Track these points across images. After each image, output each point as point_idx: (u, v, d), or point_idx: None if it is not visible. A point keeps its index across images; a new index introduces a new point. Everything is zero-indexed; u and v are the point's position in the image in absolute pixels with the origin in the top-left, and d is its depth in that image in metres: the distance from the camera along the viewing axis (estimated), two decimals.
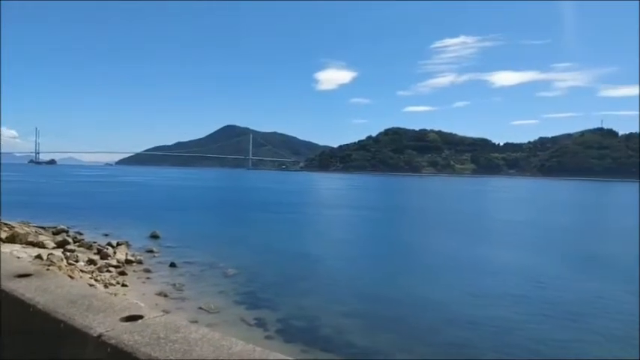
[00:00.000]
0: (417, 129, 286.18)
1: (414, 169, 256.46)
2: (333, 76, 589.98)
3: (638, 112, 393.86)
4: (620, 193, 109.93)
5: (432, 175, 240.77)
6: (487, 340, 11.75)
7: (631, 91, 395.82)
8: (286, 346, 10.99)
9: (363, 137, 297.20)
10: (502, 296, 15.96)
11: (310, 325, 12.43)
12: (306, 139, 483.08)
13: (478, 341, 11.69)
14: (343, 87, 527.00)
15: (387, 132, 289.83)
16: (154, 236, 25.51)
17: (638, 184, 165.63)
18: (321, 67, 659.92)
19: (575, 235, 34.59)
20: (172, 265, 18.77)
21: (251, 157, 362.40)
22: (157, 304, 13.26)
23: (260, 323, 12.46)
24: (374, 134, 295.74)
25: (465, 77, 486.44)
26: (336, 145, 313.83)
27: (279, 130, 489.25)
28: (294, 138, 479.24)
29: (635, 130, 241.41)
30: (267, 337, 11.53)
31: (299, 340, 11.42)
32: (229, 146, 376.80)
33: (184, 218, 36.48)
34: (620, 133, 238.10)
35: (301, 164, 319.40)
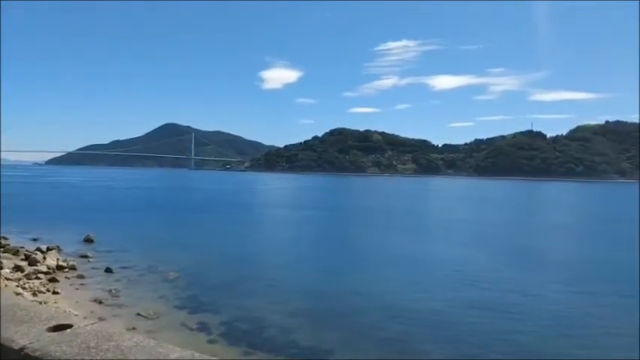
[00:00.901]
0: (361, 130, 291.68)
1: (359, 169, 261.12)
2: (278, 75, 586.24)
3: (564, 116, 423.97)
4: (548, 191, 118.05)
5: (376, 175, 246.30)
6: (428, 334, 12.13)
7: (558, 95, 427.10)
8: (230, 349, 10.81)
9: (309, 137, 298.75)
10: (442, 290, 16.58)
11: (254, 327, 12.28)
12: (252, 139, 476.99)
13: (420, 335, 12.04)
14: (289, 86, 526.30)
15: (332, 132, 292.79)
16: (88, 240, 24.17)
17: (564, 183, 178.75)
18: (266, 65, 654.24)
19: (507, 231, 36.69)
20: (108, 270, 17.88)
21: (193, 156, 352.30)
22: (91, 312, 12.58)
23: (202, 327, 12.15)
24: (320, 134, 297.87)
25: (406, 80, 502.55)
26: (282, 145, 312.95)
27: (223, 129, 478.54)
28: (239, 137, 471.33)
29: (561, 132, 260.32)
30: (210, 341, 11.27)
31: (243, 342, 11.26)
32: (170, 145, 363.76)
33: (121, 221, 34.83)
34: (548, 135, 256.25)
35: (246, 164, 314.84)
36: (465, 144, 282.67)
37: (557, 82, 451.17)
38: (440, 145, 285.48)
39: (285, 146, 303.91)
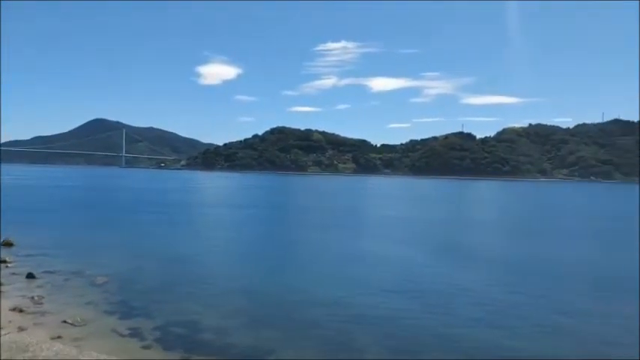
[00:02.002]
0: (302, 129, 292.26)
1: (300, 168, 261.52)
2: (216, 71, 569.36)
3: (492, 119, 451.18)
4: (477, 189, 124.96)
5: (317, 174, 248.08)
6: (366, 331, 12.36)
7: (486, 99, 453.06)
8: (165, 354, 10.42)
9: (250, 135, 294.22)
10: (379, 287, 16.95)
11: (191, 330, 11.93)
12: (188, 136, 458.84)
13: (358, 332, 12.24)
14: (228, 83, 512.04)
15: (273, 131, 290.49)
16: (7, 244, 22.27)
17: (492, 182, 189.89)
18: (204, 60, 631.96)
19: (439, 228, 38.38)
20: (30, 275, 16.58)
21: (124, 154, 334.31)
22: (10, 322, 11.60)
23: (135, 333, 11.61)
24: (260, 133, 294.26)
25: (346, 81, 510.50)
26: (221, 143, 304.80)
27: (157, 126, 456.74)
28: (175, 134, 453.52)
29: (489, 134, 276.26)
30: (144, 347, 10.80)
31: (179, 346, 10.90)
32: (98, 142, 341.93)
33: (45, 222, 32.44)
34: (478, 136, 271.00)
35: (183, 162, 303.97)
36: (402, 144, 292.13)
37: (485, 86, 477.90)
38: (378, 145, 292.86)
39: (225, 144, 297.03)
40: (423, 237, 32.32)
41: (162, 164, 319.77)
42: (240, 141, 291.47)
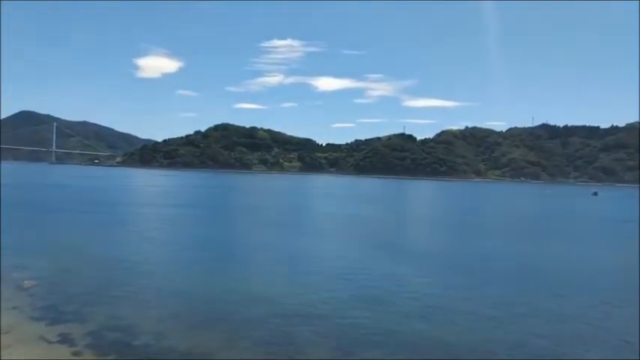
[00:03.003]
0: (247, 126, 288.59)
1: (245, 166, 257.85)
2: (155, 64, 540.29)
3: (431, 121, 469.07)
4: (417, 189, 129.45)
5: (262, 172, 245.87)
6: (307, 329, 12.50)
7: (426, 102, 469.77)
8: None
9: (191, 132, 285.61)
10: (320, 285, 17.17)
11: (126, 335, 11.55)
12: (125, 131, 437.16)
13: (299, 330, 12.36)
14: (168, 76, 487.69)
15: (216, 127, 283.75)
16: None
17: (431, 181, 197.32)
18: (142, 52, 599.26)
19: (379, 226, 39.43)
20: None
21: (55, 149, 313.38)
22: None
23: (64, 339, 11.07)
24: (203, 129, 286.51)
25: (291, 79, 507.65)
26: (160, 139, 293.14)
27: (91, 120, 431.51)
28: (110, 129, 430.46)
29: (428, 135, 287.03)
30: (75, 354, 10.34)
31: (113, 352, 10.52)
32: (26, 136, 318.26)
33: None
34: (418, 138, 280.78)
35: (118, 159, 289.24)
36: (347, 144, 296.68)
37: (425, 89, 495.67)
38: (324, 144, 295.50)
39: (164, 140, 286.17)
40: (364, 234, 33.03)
41: (96, 160, 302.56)
42: (181, 137, 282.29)
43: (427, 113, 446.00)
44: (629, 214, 61.90)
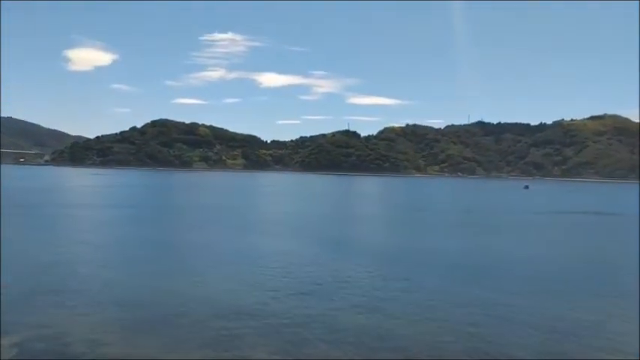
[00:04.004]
0: (187, 122, 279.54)
1: (185, 164, 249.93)
2: (88, 56, 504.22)
3: (374, 119, 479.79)
4: (362, 185, 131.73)
5: (203, 170, 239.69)
6: (254, 328, 12.20)
7: (369, 100, 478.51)
8: None
9: (127, 128, 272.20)
10: (265, 283, 16.91)
11: (58, 344, 10.70)
12: (54, 128, 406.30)
13: (246, 330, 12.04)
14: (101, 69, 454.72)
15: (154, 123, 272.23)
16: None
17: (374, 177, 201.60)
18: (73, 44, 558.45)
19: (325, 222, 39.59)
20: None
21: None
22: None
23: None
24: (139, 125, 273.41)
25: (234, 74, 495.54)
26: (92, 136, 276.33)
27: (17, 116, 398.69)
28: (38, 126, 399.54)
29: (372, 132, 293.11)
30: None
31: None
32: None
33: None
34: (362, 135, 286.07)
35: (46, 157, 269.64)
36: (292, 141, 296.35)
37: (369, 88, 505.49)
38: (269, 141, 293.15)
39: (97, 137, 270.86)
40: (309, 231, 33.10)
41: (22, 159, 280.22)
42: (116, 134, 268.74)
43: (371, 111, 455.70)
44: (560, 206, 66.62)
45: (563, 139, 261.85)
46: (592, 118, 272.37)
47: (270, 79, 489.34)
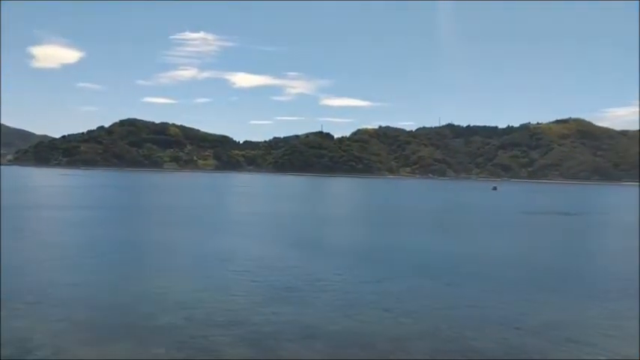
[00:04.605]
0: (157, 122, 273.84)
1: (155, 164, 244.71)
2: (53, 53, 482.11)
3: (347, 120, 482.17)
4: (334, 186, 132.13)
5: (174, 170, 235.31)
6: (224, 331, 12.01)
7: (343, 102, 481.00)
8: None
9: (94, 127, 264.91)
10: (237, 285, 16.71)
11: (19, 351, 10.25)
12: (18, 127, 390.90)
13: (215, 334, 11.83)
14: (67, 67, 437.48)
15: (122, 123, 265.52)
16: None
17: (347, 179, 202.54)
18: (37, 40, 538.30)
19: (298, 223, 39.45)
20: None
21: None
22: None
23: None
24: (107, 125, 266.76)
25: (206, 74, 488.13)
26: (58, 135, 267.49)
27: None
28: (1, 125, 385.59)
29: (345, 134, 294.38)
30: None
31: None
32: None
33: None
34: (335, 136, 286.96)
35: (9, 157, 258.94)
36: (265, 141, 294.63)
37: (342, 89, 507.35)
38: (241, 142, 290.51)
39: (63, 136, 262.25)
40: (281, 232, 32.93)
41: None
42: (82, 133, 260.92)
43: (344, 112, 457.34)
44: (527, 206, 68.53)
45: (530, 141, 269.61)
46: (557, 121, 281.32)
47: (243, 79, 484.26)
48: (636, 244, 30.97)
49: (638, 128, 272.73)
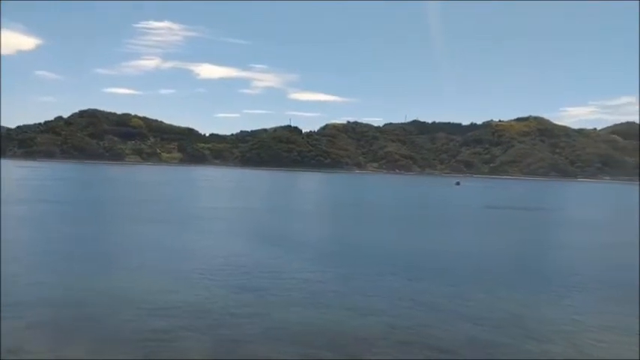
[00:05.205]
0: (119, 113, 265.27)
1: (117, 156, 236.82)
2: (9, 40, 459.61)
3: (316, 114, 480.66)
4: (303, 181, 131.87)
5: (137, 163, 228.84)
6: (189, 328, 11.79)
7: (311, 96, 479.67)
8: None
9: (52, 118, 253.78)
10: (202, 280, 16.45)
11: None
12: None
13: (181, 331, 11.60)
14: (24, 55, 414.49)
15: (82, 113, 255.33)
16: None
17: (315, 173, 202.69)
18: None
19: (265, 217, 39.10)
20: None
21: None
22: None
23: None
24: (66, 115, 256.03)
25: (170, 64, 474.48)
26: (13, 126, 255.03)
27: None
28: None
29: (313, 128, 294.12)
30: None
31: None
32: None
33: None
34: (304, 130, 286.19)
35: None
36: (232, 135, 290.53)
37: (310, 83, 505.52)
38: (207, 135, 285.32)
39: (18, 127, 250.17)
40: (245, 226, 32.73)
41: None
42: (39, 124, 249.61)
43: (312, 107, 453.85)
44: (489, 201, 70.53)
45: (492, 138, 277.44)
46: (518, 119, 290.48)
47: (209, 71, 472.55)
48: (590, 238, 32.34)
49: (593, 127, 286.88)
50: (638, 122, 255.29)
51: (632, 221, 45.65)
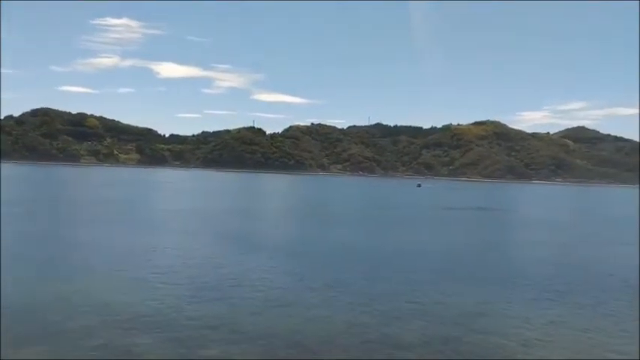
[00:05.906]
0: (74, 112, 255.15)
1: (71, 157, 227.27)
2: None
3: (280, 116, 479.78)
4: (266, 182, 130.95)
5: (92, 164, 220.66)
6: (148, 330, 11.53)
7: (275, 97, 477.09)
8: None
9: (2, 117, 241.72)
10: (161, 282, 16.09)
11: None
12: None
13: (139, 334, 11.34)
14: None
15: (35, 112, 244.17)
16: None
17: (279, 175, 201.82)
18: None
19: (225, 219, 38.53)
20: None
21: None
22: None
23: None
24: (17, 114, 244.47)
25: (129, 62, 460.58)
26: None
27: None
28: None
29: (277, 130, 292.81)
30: None
31: None
32: None
33: None
34: (268, 132, 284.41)
35: None
36: (193, 135, 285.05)
37: (275, 84, 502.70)
38: (167, 135, 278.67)
39: None
40: (206, 228, 32.27)
41: None
42: None
43: (276, 108, 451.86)
44: (448, 202, 72.38)
45: (451, 141, 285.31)
46: (476, 123, 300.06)
47: (169, 70, 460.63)
48: (541, 237, 33.70)
49: (546, 131, 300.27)
50: (587, 127, 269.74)
51: (583, 221, 47.96)
